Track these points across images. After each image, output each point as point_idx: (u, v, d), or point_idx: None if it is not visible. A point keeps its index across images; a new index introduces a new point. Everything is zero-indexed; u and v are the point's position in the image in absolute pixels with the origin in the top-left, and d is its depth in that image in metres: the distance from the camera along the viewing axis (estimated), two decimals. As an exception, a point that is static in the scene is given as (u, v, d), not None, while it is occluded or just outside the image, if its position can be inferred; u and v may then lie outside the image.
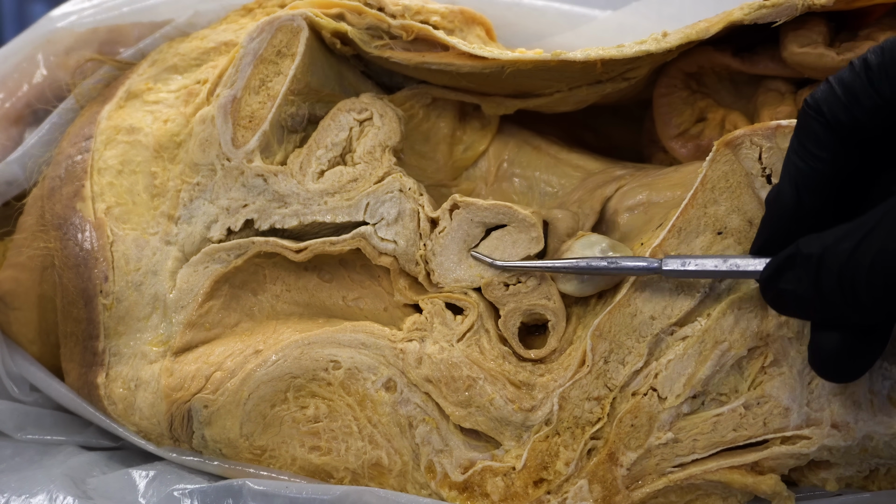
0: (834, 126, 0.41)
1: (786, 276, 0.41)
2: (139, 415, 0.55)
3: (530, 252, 0.52)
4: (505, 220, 0.52)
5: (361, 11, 0.55)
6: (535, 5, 0.64)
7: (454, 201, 0.53)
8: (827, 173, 0.42)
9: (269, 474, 0.53)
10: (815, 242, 0.40)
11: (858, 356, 0.42)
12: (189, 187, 0.56)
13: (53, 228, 0.57)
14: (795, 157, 0.43)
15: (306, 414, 0.53)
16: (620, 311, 0.50)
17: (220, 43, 0.60)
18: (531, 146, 0.60)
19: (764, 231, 0.45)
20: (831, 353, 0.42)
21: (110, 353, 0.55)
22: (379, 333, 0.53)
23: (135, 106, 0.59)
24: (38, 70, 0.62)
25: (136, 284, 0.55)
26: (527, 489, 0.50)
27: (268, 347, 0.53)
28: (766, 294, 0.43)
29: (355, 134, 0.55)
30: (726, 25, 0.51)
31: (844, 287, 0.38)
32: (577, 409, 0.50)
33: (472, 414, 0.51)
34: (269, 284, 0.57)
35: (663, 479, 0.49)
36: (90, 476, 0.54)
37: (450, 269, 0.53)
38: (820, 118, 0.42)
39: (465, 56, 0.54)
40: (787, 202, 0.43)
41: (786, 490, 0.49)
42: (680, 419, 0.49)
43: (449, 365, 0.51)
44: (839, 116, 0.41)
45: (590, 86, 0.56)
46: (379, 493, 0.50)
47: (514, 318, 0.52)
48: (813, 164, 0.42)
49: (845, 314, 0.40)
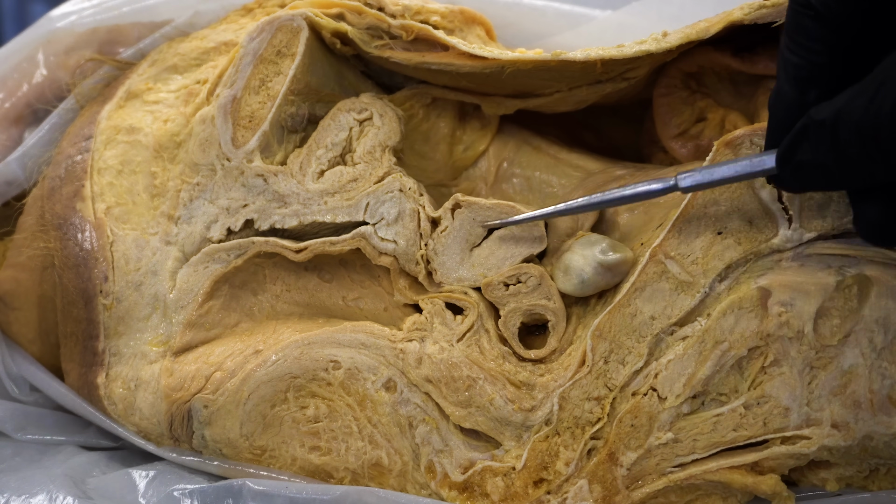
0: (826, 17, 0.40)
1: (802, 147, 0.40)
2: (139, 415, 0.55)
3: (533, 251, 0.52)
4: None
5: (361, 11, 0.55)
6: (535, 5, 0.64)
7: (456, 200, 0.53)
8: (825, 64, 0.41)
9: (269, 474, 0.53)
10: (825, 108, 0.39)
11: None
12: (189, 187, 0.56)
13: (53, 228, 0.57)
14: (790, 53, 0.42)
15: (306, 414, 0.53)
16: (620, 311, 0.50)
17: (220, 43, 0.60)
18: (531, 146, 0.60)
19: (772, 131, 0.44)
20: (876, 222, 0.41)
21: (110, 353, 0.55)
22: (379, 333, 0.53)
23: (135, 106, 0.59)
24: (38, 70, 0.62)
25: (136, 284, 0.55)
26: (527, 489, 0.50)
27: (268, 347, 0.53)
28: (784, 173, 0.42)
29: (355, 134, 0.55)
30: (726, 25, 0.51)
31: (866, 141, 0.37)
32: (577, 409, 0.50)
33: (472, 414, 0.51)
34: (269, 284, 0.57)
35: (663, 479, 0.49)
36: (90, 476, 0.54)
37: (452, 268, 0.53)
38: (809, 11, 0.40)
39: (465, 56, 0.54)
40: (789, 99, 0.42)
41: (786, 490, 0.49)
42: (680, 419, 0.49)
43: (449, 365, 0.51)
44: (831, 6, 0.40)
45: (590, 86, 0.56)
46: (379, 493, 0.50)
47: (514, 318, 0.52)
48: (809, 58, 0.41)
49: (871, 172, 0.38)
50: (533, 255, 0.52)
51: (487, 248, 0.52)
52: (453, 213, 0.53)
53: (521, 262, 0.52)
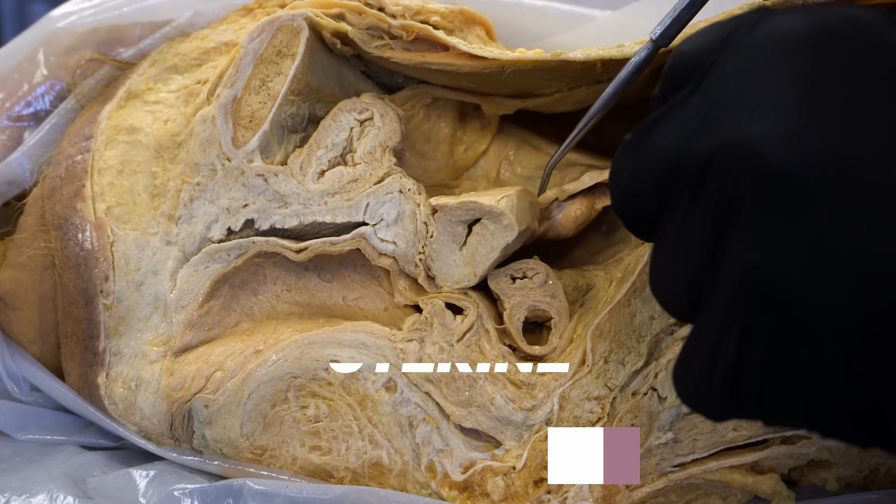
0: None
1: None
2: (140, 414, 0.55)
3: (508, 240, 0.51)
4: (477, 215, 0.52)
5: (362, 11, 0.55)
6: (535, 5, 0.64)
7: (431, 205, 0.53)
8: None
9: (270, 474, 0.53)
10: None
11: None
12: (189, 187, 0.56)
13: (54, 228, 0.57)
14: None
15: (307, 414, 0.53)
16: (620, 311, 0.50)
17: (220, 43, 0.60)
18: (531, 146, 0.60)
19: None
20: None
21: (111, 353, 0.55)
22: (379, 333, 0.53)
23: (135, 106, 0.59)
24: (38, 70, 0.62)
25: (136, 284, 0.55)
26: (527, 489, 0.50)
27: (268, 347, 0.54)
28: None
29: (356, 134, 0.55)
30: (726, 25, 0.51)
31: None
32: (577, 409, 0.50)
33: (473, 413, 0.51)
34: (270, 284, 0.57)
35: (663, 478, 0.49)
36: (90, 476, 0.54)
37: (448, 273, 0.53)
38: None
39: (465, 56, 0.54)
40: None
41: (786, 490, 0.49)
42: (680, 419, 0.49)
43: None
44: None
45: (590, 86, 0.56)
46: (379, 493, 0.50)
47: (519, 311, 0.52)
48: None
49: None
50: (509, 243, 0.51)
51: (471, 245, 0.52)
52: (434, 218, 0.53)
53: (500, 252, 0.51)
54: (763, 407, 0.33)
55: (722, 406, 0.34)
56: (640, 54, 0.48)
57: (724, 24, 0.37)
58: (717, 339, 0.33)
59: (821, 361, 0.31)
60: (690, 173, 0.34)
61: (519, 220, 0.51)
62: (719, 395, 0.34)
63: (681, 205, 0.35)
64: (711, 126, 0.34)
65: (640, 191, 0.37)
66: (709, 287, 0.34)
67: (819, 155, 0.31)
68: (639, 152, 0.38)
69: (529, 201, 0.54)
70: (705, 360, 0.34)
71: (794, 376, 0.32)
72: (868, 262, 0.30)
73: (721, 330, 0.33)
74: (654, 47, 0.48)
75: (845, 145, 0.31)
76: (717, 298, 0.33)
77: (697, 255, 0.34)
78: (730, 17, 0.38)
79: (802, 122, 0.32)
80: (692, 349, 0.35)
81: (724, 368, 0.33)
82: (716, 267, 0.34)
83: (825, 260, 0.31)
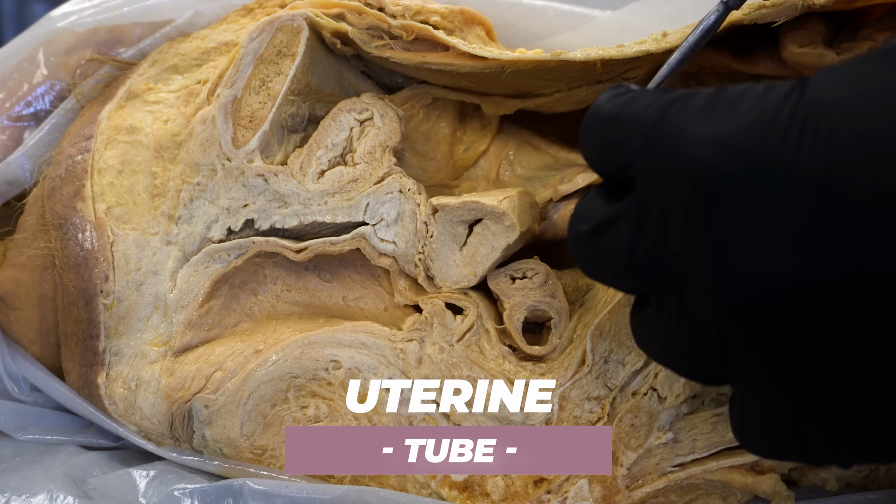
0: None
1: None
2: (140, 414, 0.55)
3: (509, 240, 0.51)
4: (479, 215, 0.52)
5: (362, 11, 0.55)
6: (535, 5, 0.64)
7: (433, 205, 0.53)
8: None
9: (270, 474, 0.53)
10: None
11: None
12: (189, 187, 0.56)
13: (54, 228, 0.57)
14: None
15: (307, 414, 0.53)
16: (620, 311, 0.50)
17: (220, 43, 0.60)
18: (531, 146, 0.60)
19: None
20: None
21: (111, 353, 0.55)
22: (379, 333, 0.53)
23: (135, 106, 0.59)
24: (39, 70, 0.62)
25: (136, 284, 0.55)
26: (527, 489, 0.50)
27: (268, 347, 0.54)
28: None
29: (356, 134, 0.55)
30: (726, 25, 0.51)
31: None
32: (577, 409, 0.50)
33: (473, 413, 0.51)
34: (270, 284, 0.57)
35: (663, 478, 0.49)
36: (91, 476, 0.54)
37: (448, 273, 0.53)
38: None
39: (465, 56, 0.54)
40: None
41: (786, 490, 0.49)
42: (680, 419, 0.49)
43: (449, 365, 0.51)
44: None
45: (590, 86, 0.56)
46: (379, 493, 0.50)
47: (519, 311, 0.52)
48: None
49: None
50: (510, 244, 0.51)
51: (471, 245, 0.52)
52: (434, 218, 0.53)
53: (501, 252, 0.51)
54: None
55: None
56: (710, 18, 0.46)
57: (637, 116, 0.36)
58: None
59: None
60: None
61: (521, 221, 0.51)
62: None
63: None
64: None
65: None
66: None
67: None
68: (596, 259, 0.38)
69: (530, 202, 0.54)
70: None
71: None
72: None
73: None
74: (724, 10, 0.46)
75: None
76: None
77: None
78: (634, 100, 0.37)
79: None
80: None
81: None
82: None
83: None
